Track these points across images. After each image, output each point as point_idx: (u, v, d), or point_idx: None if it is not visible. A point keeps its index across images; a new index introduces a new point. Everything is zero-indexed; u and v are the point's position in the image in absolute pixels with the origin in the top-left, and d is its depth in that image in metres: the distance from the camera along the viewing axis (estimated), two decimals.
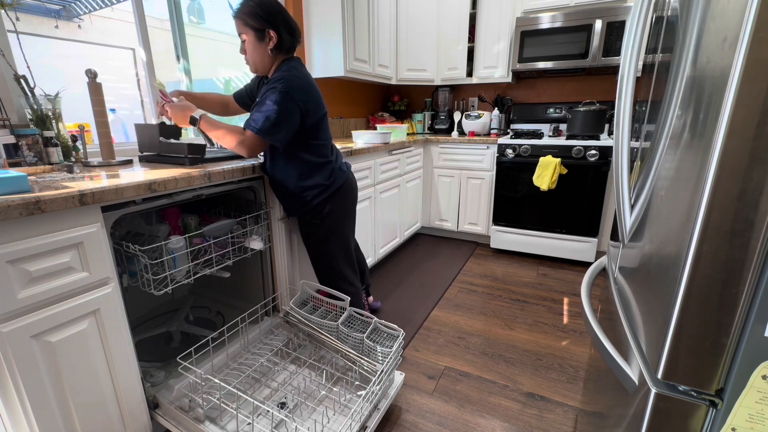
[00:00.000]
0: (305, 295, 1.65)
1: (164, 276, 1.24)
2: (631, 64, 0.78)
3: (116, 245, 1.15)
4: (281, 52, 1.41)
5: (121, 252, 1.18)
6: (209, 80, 2.72)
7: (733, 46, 0.49)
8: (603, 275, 1.16)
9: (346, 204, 1.59)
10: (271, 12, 1.35)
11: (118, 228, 1.27)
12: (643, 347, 0.70)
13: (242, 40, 1.39)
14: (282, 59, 1.44)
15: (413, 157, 2.97)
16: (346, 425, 1.12)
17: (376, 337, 1.47)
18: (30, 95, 1.31)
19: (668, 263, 0.62)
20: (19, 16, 1.33)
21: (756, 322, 0.53)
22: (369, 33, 2.77)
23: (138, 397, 1.17)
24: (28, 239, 0.87)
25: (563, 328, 2.01)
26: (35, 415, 0.92)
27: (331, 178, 1.51)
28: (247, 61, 1.44)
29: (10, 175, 0.89)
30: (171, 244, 1.25)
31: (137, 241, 1.23)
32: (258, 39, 1.36)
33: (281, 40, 1.38)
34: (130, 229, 1.33)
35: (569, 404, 1.50)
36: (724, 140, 0.51)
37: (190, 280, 1.32)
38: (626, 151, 0.81)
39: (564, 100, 3.19)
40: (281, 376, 1.45)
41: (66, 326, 0.97)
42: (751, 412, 0.57)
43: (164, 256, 1.22)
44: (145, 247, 1.16)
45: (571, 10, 2.68)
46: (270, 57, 1.40)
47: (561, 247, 2.83)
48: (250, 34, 1.36)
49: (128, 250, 1.15)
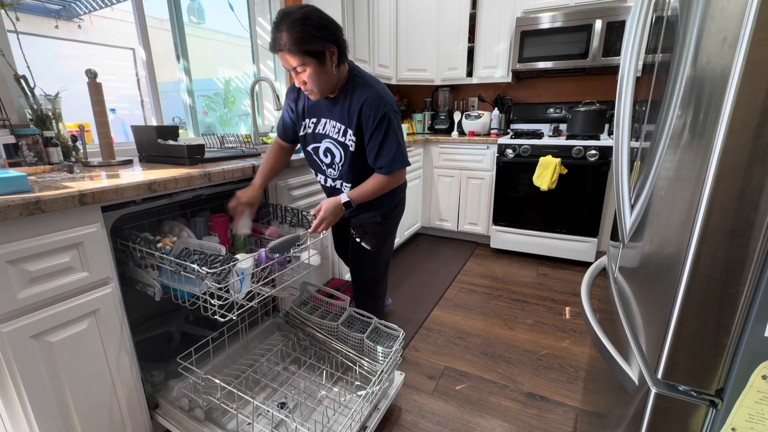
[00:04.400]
0: (305, 296, 1.65)
1: (230, 301, 1.09)
2: (631, 64, 0.78)
3: (178, 264, 1.06)
4: (342, 62, 1.23)
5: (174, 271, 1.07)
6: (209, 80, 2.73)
7: (733, 46, 0.49)
8: (603, 275, 1.16)
9: (405, 199, 1.61)
10: (323, 24, 1.14)
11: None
12: (643, 347, 0.70)
13: (297, 72, 1.18)
14: (345, 70, 1.28)
15: (413, 157, 2.97)
16: (346, 425, 1.12)
17: (376, 337, 1.47)
18: (30, 95, 1.31)
19: (668, 263, 0.62)
20: (19, 16, 1.33)
21: (756, 322, 0.53)
22: (369, 33, 2.77)
23: (138, 397, 1.17)
24: (28, 239, 0.87)
25: (563, 328, 2.01)
26: (35, 415, 0.92)
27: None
28: (311, 92, 1.24)
29: (10, 175, 0.89)
30: (240, 264, 1.09)
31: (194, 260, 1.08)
32: (320, 63, 1.17)
33: (341, 50, 1.20)
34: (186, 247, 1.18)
35: (569, 404, 1.50)
36: (724, 140, 0.51)
37: (254, 303, 1.16)
38: (626, 151, 0.81)
39: (564, 100, 3.19)
40: (281, 376, 1.45)
41: (66, 326, 0.97)
42: (751, 412, 0.57)
43: (231, 279, 1.07)
44: (213, 269, 1.01)
45: (571, 10, 2.68)
46: (336, 74, 1.23)
47: (561, 247, 2.83)
48: (311, 62, 1.15)
49: (189, 273, 1.05)
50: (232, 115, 2.88)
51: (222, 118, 2.87)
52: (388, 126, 1.26)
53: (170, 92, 2.10)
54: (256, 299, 1.17)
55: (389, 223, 1.53)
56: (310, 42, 1.13)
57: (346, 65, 1.28)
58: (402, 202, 1.57)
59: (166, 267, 1.12)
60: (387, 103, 1.26)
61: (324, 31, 1.14)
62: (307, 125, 1.40)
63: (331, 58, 1.18)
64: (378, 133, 1.27)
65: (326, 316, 1.59)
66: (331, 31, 1.16)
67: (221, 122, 2.83)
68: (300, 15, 1.12)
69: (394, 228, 1.58)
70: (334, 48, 1.17)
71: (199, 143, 1.44)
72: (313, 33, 1.12)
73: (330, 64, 1.19)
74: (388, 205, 1.49)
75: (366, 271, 1.61)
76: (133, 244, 1.14)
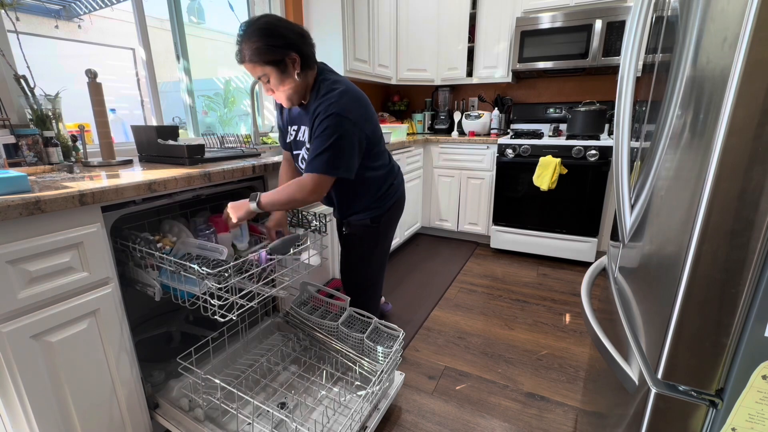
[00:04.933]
0: (305, 296, 1.65)
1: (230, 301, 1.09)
2: (631, 64, 0.78)
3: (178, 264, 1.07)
4: (308, 68, 1.23)
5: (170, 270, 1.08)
6: (209, 80, 2.73)
7: (733, 46, 0.49)
8: (603, 275, 1.16)
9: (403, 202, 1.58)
10: (280, 33, 1.15)
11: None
12: (643, 347, 0.70)
13: (264, 82, 1.20)
14: (313, 75, 1.27)
15: (413, 157, 2.97)
16: (346, 425, 1.12)
17: (376, 337, 1.47)
18: (30, 95, 1.31)
19: (668, 263, 0.62)
20: (19, 16, 1.33)
21: (756, 322, 0.53)
22: (369, 33, 2.77)
23: (138, 397, 1.17)
24: (28, 239, 0.87)
25: (563, 328, 2.01)
26: (35, 415, 0.92)
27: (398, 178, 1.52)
28: (280, 99, 1.27)
29: (10, 175, 0.89)
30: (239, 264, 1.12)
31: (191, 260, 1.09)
32: (281, 71, 1.18)
33: (304, 56, 1.20)
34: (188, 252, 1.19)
35: (569, 404, 1.50)
36: (724, 140, 0.51)
37: (254, 303, 1.15)
38: (626, 151, 0.81)
39: (564, 100, 3.19)
40: (281, 376, 1.45)
41: (66, 326, 0.97)
42: (751, 412, 0.57)
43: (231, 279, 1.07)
44: (214, 270, 1.02)
45: (571, 10, 2.68)
46: (301, 82, 1.23)
47: (561, 247, 2.83)
48: (272, 71, 1.17)
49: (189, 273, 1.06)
50: (232, 115, 2.88)
51: (222, 118, 2.87)
52: (327, 124, 1.17)
53: (170, 92, 2.10)
54: (256, 299, 1.17)
55: (381, 227, 1.50)
56: (268, 52, 1.14)
57: (314, 71, 1.27)
58: (397, 205, 1.53)
59: (166, 267, 1.12)
60: (339, 105, 1.18)
61: (283, 40, 1.15)
62: (290, 133, 1.41)
63: (293, 66, 1.18)
64: (317, 130, 1.20)
65: (326, 316, 1.58)
66: (291, 39, 1.16)
67: (221, 122, 2.83)
68: (258, 26, 1.14)
69: (388, 231, 1.55)
70: (295, 55, 1.17)
71: (199, 143, 1.44)
72: (271, 42, 1.13)
73: (292, 72, 1.19)
74: (379, 208, 1.46)
75: (356, 274, 1.61)
76: (133, 244, 1.14)
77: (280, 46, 1.15)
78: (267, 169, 1.52)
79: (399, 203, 1.55)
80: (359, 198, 1.43)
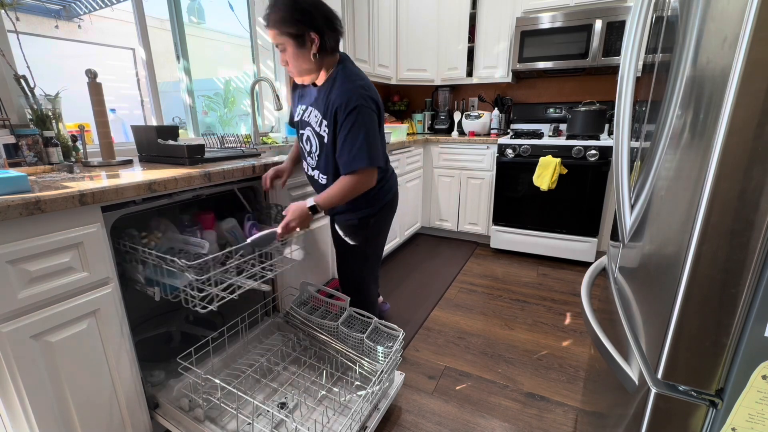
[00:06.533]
0: (305, 296, 1.65)
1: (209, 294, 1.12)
2: (631, 64, 0.78)
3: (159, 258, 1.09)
4: (326, 53, 1.25)
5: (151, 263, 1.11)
6: (209, 80, 2.73)
7: (733, 46, 0.49)
8: (603, 275, 1.16)
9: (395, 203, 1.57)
10: (306, 9, 1.17)
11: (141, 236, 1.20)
12: (643, 347, 0.70)
13: (281, 51, 1.23)
14: (332, 62, 1.30)
15: (413, 157, 2.97)
16: (346, 425, 1.12)
17: (376, 337, 1.47)
18: (30, 95, 1.31)
19: (668, 263, 0.62)
20: (19, 16, 1.33)
21: (756, 322, 0.53)
22: (369, 33, 2.77)
23: (138, 397, 1.17)
24: (28, 239, 0.87)
25: (563, 328, 2.01)
26: (35, 415, 0.92)
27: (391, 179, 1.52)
28: (291, 71, 1.29)
29: (10, 175, 0.89)
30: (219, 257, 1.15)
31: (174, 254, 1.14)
32: (298, 45, 1.20)
33: (324, 41, 1.22)
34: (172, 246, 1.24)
35: (569, 404, 1.50)
36: (724, 140, 0.51)
37: (234, 295, 1.17)
38: (626, 151, 0.81)
39: (564, 100, 3.19)
40: (281, 376, 1.45)
41: (66, 326, 0.97)
42: (751, 412, 0.57)
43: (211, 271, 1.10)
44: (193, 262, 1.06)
45: (571, 10, 2.68)
46: (315, 63, 1.24)
47: (561, 247, 2.83)
48: (289, 42, 1.19)
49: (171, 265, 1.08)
50: (232, 115, 2.88)
51: (222, 118, 2.87)
52: (355, 119, 1.21)
53: (170, 92, 2.10)
54: (237, 291, 1.19)
55: (370, 229, 1.49)
56: (289, 23, 1.17)
57: (335, 57, 1.30)
58: (389, 206, 1.51)
59: (150, 261, 1.15)
60: (362, 96, 1.22)
61: (308, 16, 1.17)
62: (298, 111, 1.44)
63: (312, 45, 1.21)
64: (345, 126, 1.23)
65: (326, 316, 1.58)
66: (315, 18, 1.19)
67: (221, 122, 2.84)
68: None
69: (380, 232, 1.54)
70: (314, 35, 1.20)
71: (199, 143, 1.44)
72: (296, 16, 1.16)
73: (309, 50, 1.21)
74: (368, 209, 1.45)
75: (348, 274, 1.62)
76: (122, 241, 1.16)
77: (302, 21, 1.17)
78: (267, 169, 1.52)
79: (392, 204, 1.54)
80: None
